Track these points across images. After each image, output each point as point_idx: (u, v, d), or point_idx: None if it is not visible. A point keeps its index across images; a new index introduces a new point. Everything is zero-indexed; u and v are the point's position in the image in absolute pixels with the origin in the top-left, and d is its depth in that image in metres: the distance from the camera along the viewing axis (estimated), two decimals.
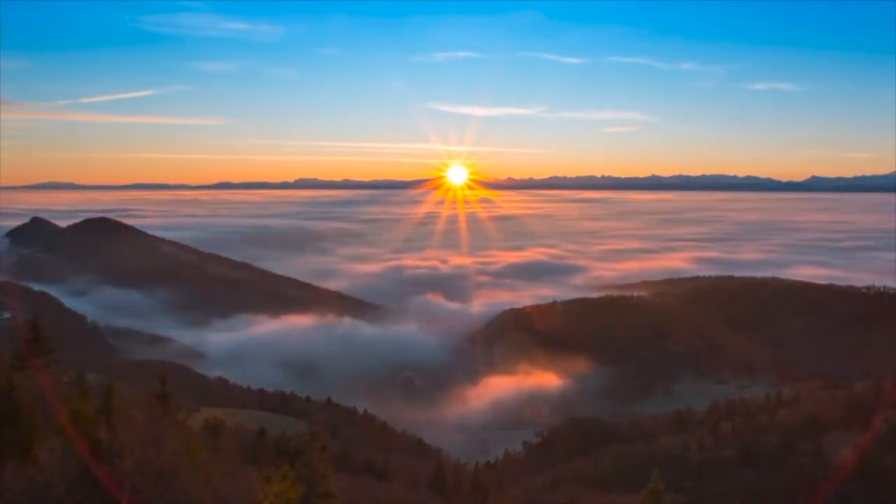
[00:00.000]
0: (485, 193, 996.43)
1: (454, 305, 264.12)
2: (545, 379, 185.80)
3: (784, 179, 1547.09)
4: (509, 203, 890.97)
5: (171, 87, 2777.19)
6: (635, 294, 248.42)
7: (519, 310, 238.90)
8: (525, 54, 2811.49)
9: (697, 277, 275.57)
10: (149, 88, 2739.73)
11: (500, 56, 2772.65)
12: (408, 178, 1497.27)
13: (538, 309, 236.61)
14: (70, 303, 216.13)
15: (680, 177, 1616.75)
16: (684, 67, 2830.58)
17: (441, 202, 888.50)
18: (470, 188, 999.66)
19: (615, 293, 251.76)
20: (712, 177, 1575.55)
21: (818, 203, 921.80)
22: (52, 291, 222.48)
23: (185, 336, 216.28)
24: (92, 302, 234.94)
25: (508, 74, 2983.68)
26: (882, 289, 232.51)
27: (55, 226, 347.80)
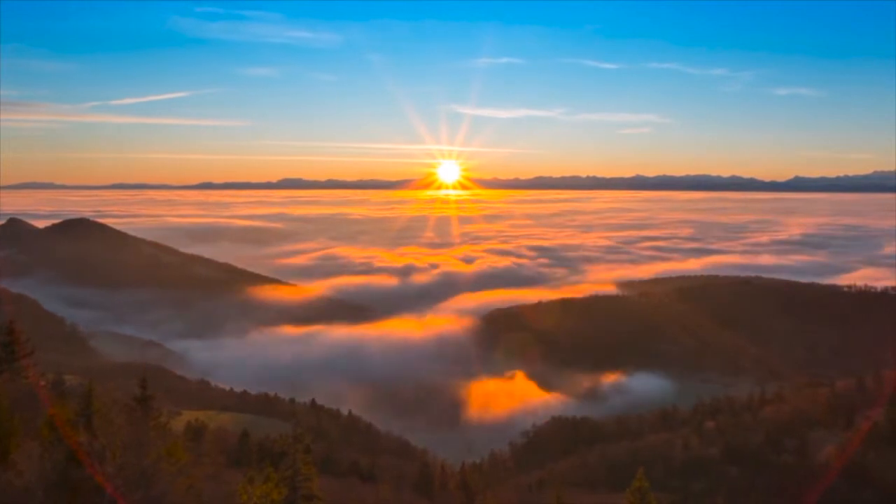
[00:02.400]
0: (465, 194, 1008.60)
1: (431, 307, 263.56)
2: (531, 378, 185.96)
3: (767, 179, 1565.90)
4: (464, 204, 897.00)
5: (204, 89, 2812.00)
6: (621, 294, 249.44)
7: (504, 310, 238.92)
8: (567, 61, 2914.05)
9: (683, 277, 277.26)
10: (183, 91, 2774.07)
11: (544, 62, 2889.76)
12: (393, 178, 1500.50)
13: (524, 309, 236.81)
14: (48, 305, 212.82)
15: (664, 177, 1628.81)
16: (715, 73, 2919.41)
17: (414, 202, 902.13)
18: (458, 187, 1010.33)
19: (600, 293, 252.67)
20: (696, 177, 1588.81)
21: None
22: (30, 293, 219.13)
23: (166, 338, 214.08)
24: (70, 304, 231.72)
25: (543, 79, 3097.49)
26: (863, 287, 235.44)
27: (32, 227, 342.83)
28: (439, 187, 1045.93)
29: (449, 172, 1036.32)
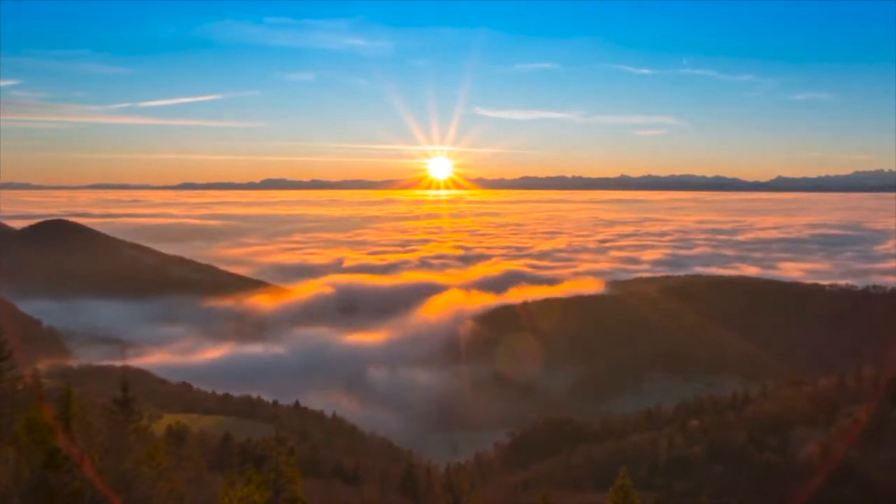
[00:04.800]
0: (445, 194, 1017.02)
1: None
2: (516, 379, 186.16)
3: (750, 179, 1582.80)
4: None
5: (239, 92, 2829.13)
6: (605, 294, 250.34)
7: (491, 310, 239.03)
8: (604, 66, 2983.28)
9: (667, 277, 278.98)
10: (217, 94, 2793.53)
11: (581, 67, 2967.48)
12: (378, 178, 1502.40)
13: (509, 309, 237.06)
14: (25, 307, 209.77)
15: (648, 177, 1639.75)
16: (742, 79, 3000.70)
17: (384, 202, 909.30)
18: (442, 187, 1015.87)
19: (585, 293, 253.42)
20: (680, 177, 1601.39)
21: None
22: (6, 296, 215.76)
23: (147, 340, 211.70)
24: (49, 306, 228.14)
25: (572, 83, 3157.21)
26: (845, 286, 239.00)
27: (8, 228, 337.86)
28: (428, 186, 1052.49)
29: (437, 173, 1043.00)
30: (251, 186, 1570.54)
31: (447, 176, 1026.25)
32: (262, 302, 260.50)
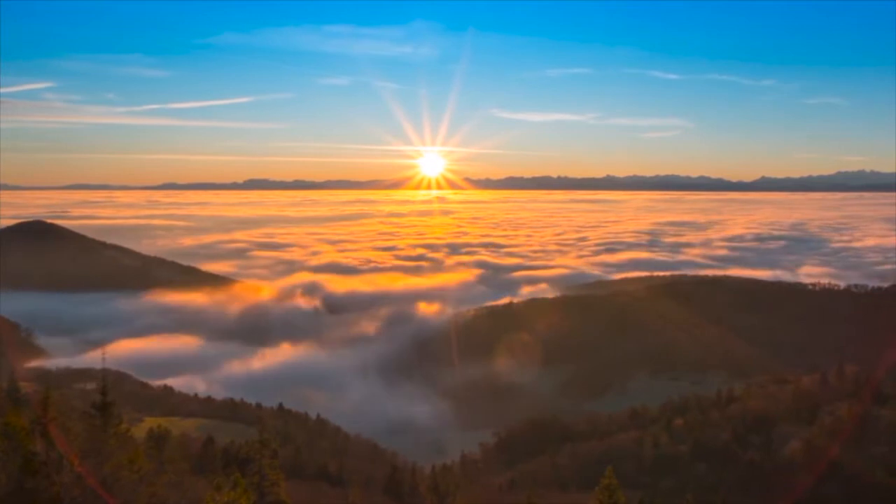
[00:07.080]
0: (429, 194, 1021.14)
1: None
2: (501, 379, 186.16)
3: (734, 179, 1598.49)
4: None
5: (270, 95, 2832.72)
6: (591, 293, 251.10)
7: (476, 310, 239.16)
8: (632, 71, 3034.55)
9: (653, 276, 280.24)
10: (249, 96, 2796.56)
11: (611, 72, 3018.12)
12: (363, 178, 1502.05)
13: (494, 309, 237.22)
14: (4, 309, 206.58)
15: (635, 177, 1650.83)
16: (763, 84, 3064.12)
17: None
18: (427, 188, 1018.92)
19: (570, 293, 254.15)
20: (665, 177, 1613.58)
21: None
22: None
23: (128, 343, 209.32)
24: (28, 308, 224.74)
25: (599, 86, 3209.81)
26: (827, 285, 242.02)
27: None
28: (417, 186, 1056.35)
29: (426, 173, 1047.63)
30: (234, 186, 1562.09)
31: (436, 176, 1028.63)
32: (244, 302, 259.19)
